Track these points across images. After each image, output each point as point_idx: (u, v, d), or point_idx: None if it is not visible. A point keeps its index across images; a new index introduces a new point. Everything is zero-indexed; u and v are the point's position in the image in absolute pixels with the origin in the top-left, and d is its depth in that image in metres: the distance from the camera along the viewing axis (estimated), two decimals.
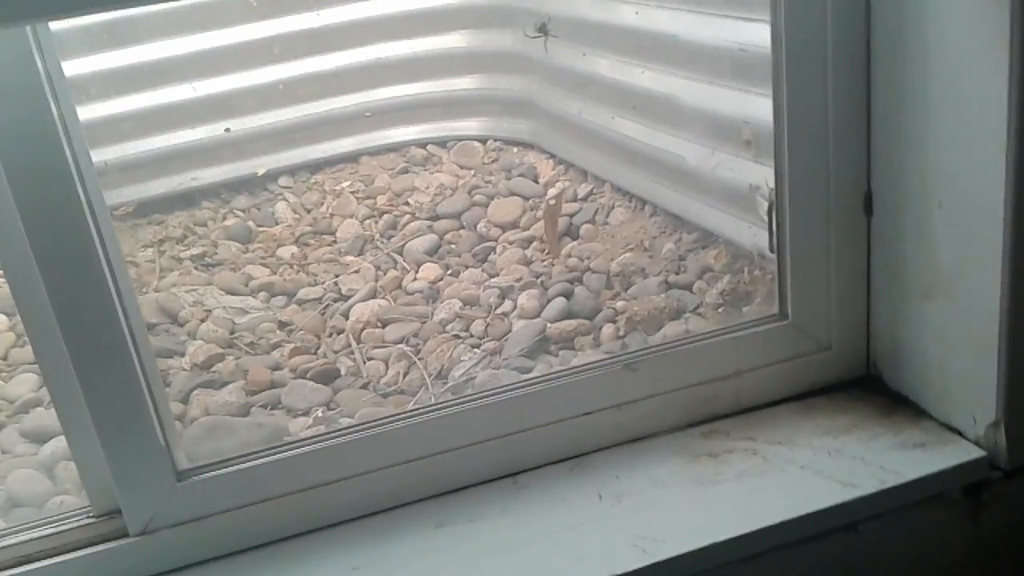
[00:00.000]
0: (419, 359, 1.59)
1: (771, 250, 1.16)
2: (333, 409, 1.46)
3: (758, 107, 1.35)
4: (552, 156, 2.26)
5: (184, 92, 2.38)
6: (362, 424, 1.06)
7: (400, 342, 1.66)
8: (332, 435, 1.05)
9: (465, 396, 1.10)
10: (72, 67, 2.22)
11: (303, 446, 1.04)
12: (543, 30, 1.61)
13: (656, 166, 1.75)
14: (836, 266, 1.13)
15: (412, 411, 1.07)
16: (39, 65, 0.83)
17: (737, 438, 1.11)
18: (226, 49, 2.39)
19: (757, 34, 1.33)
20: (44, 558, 0.97)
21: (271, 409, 1.52)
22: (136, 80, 2.34)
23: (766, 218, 1.15)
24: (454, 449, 1.07)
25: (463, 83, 2.48)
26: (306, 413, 1.47)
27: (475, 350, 1.57)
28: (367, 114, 2.51)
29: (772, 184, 1.11)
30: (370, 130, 2.53)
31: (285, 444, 1.05)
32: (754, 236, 1.42)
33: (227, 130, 2.41)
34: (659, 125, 1.71)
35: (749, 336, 1.15)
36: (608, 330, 1.52)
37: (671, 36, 1.57)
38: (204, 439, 1.32)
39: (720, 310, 1.44)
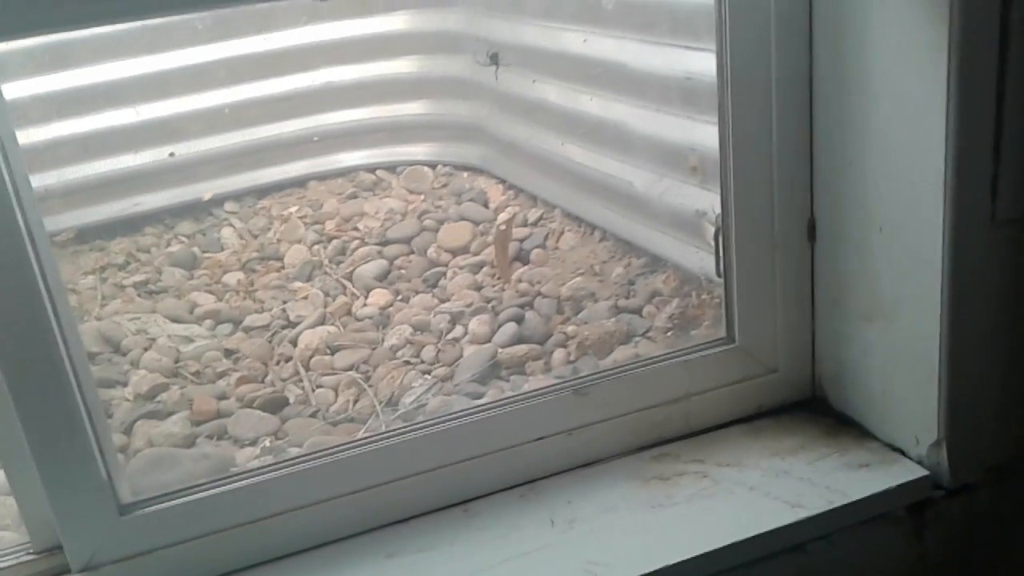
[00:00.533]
0: (369, 386, 1.58)
1: (718, 275, 1.18)
2: (281, 438, 1.44)
3: (704, 134, 1.38)
4: (502, 181, 2.27)
5: (128, 116, 2.35)
6: (309, 454, 1.05)
7: (350, 369, 1.65)
8: (279, 466, 1.04)
9: (415, 424, 1.09)
10: (12, 89, 2.19)
11: (249, 477, 1.03)
12: (495, 60, 1.62)
13: (605, 192, 1.77)
14: (781, 291, 1.16)
15: (361, 440, 1.07)
16: None
17: (687, 460, 1.13)
18: (171, 72, 2.36)
19: (703, 63, 1.36)
20: None
21: (217, 439, 1.50)
22: (79, 103, 2.31)
23: (712, 243, 1.17)
24: (404, 478, 1.07)
25: (412, 108, 2.48)
26: (253, 443, 1.45)
27: (426, 376, 1.57)
28: (315, 138, 2.50)
29: (718, 210, 1.14)
30: (318, 155, 2.52)
31: (231, 476, 1.03)
32: (701, 260, 1.44)
33: (171, 154, 2.38)
34: (608, 151, 1.73)
35: (698, 360, 1.17)
36: (559, 355, 1.53)
37: (619, 64, 1.60)
38: (148, 471, 1.29)
39: (669, 334, 1.46)
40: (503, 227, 1.64)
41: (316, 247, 2.21)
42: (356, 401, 1.53)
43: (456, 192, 2.32)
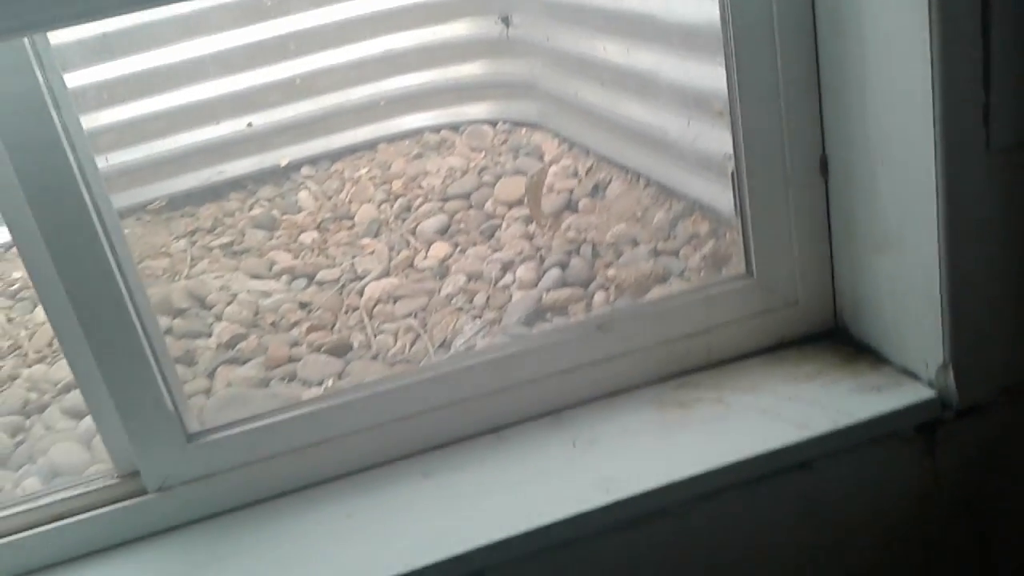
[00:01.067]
0: (425, 331, 1.66)
1: (736, 213, 1.21)
2: (344, 379, 1.55)
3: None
4: (557, 135, 2.31)
5: (207, 90, 2.49)
6: (356, 387, 1.14)
7: (409, 316, 1.74)
8: (327, 398, 1.14)
9: (452, 358, 1.17)
10: (101, 71, 2.34)
11: (301, 408, 1.12)
12: (506, 22, 1.66)
13: (646, 140, 1.80)
14: (797, 226, 1.18)
15: (402, 374, 1.15)
16: (39, 76, 0.92)
17: (706, 388, 1.17)
18: (244, 48, 2.48)
19: None
20: (74, 514, 1.07)
21: (288, 381, 1.61)
22: (164, 80, 2.46)
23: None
24: (441, 408, 1.14)
25: (471, 69, 2.54)
26: (319, 384, 1.55)
27: (476, 320, 1.65)
28: (381, 103, 2.58)
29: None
30: (386, 118, 2.61)
31: (284, 408, 1.13)
32: (732, 202, 1.47)
33: (249, 124, 2.51)
34: (644, 101, 1.76)
35: (718, 295, 1.20)
36: (599, 297, 1.58)
37: (649, 16, 1.63)
38: (223, 409, 1.41)
39: (702, 273, 1.50)
40: (534, 177, 1.69)
41: (384, 205, 2.30)
42: (413, 344, 1.62)
43: (514, 148, 2.38)
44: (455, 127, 2.59)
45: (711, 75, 1.45)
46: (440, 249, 2.01)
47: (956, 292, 1.01)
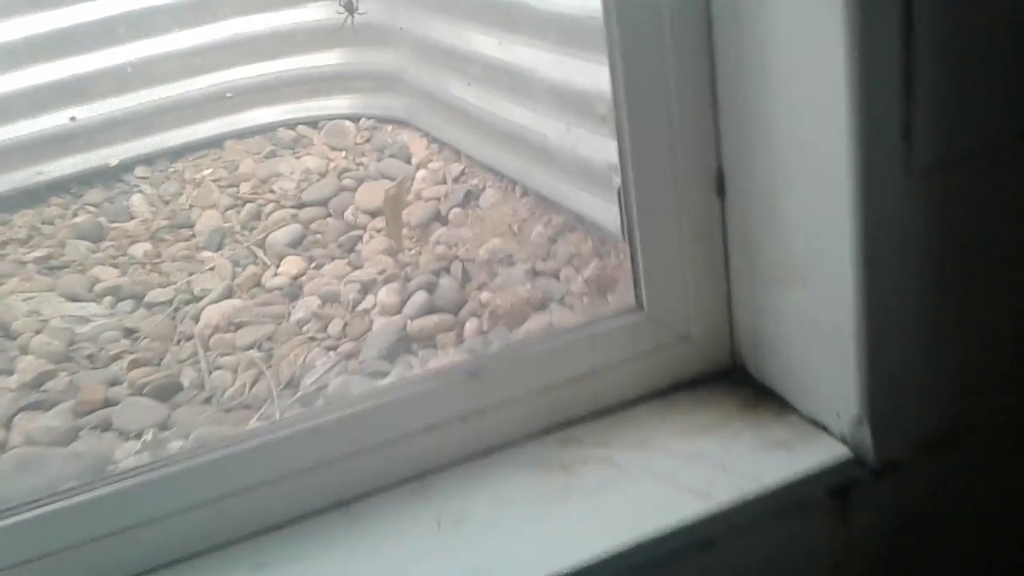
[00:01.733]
0: (269, 366, 1.46)
1: (623, 236, 1.07)
2: (168, 429, 1.33)
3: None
4: (426, 135, 2.14)
5: (22, 79, 2.19)
6: (176, 457, 0.94)
7: (251, 347, 1.54)
8: (142, 470, 0.94)
9: (293, 419, 0.99)
10: None
11: (109, 484, 0.92)
12: (349, 8, 1.45)
13: (522, 145, 1.64)
14: (691, 252, 1.05)
15: (233, 438, 0.96)
16: None
17: (592, 445, 1.03)
18: (68, 30, 2.20)
19: None
20: None
21: (101, 431, 1.38)
22: None
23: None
24: (278, 479, 0.96)
25: (329, 58, 2.33)
26: (138, 435, 1.34)
27: (331, 353, 1.46)
28: (228, 95, 2.35)
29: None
30: (233, 112, 2.37)
31: (92, 482, 0.93)
32: (617, 218, 1.33)
33: (72, 119, 2.23)
34: (520, 100, 1.60)
35: (604, 331, 1.06)
36: (471, 325, 1.42)
37: (522, 4, 1.46)
38: (13, 476, 1.18)
39: (585, 299, 1.36)
40: (392, 191, 1.52)
41: (229, 212, 2.08)
42: (254, 384, 1.42)
43: (378, 148, 2.19)
44: (312, 123, 2.38)
45: (593, 74, 1.30)
46: (292, 265, 1.81)
47: (872, 333, 0.90)
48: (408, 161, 2.09)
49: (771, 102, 0.89)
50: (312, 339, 1.52)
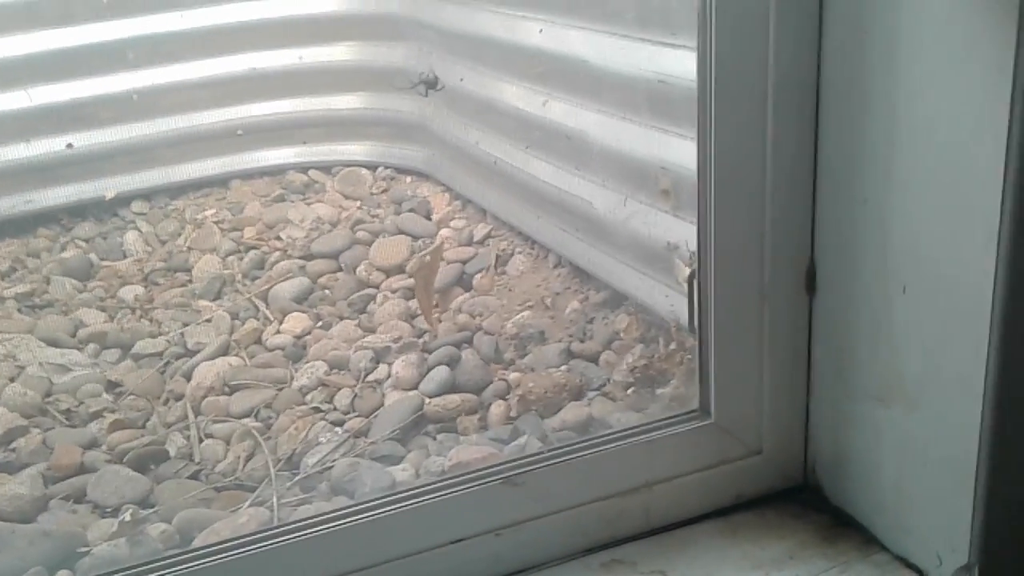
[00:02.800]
0: (267, 439, 1.34)
1: (690, 329, 0.96)
2: (149, 507, 1.20)
3: (679, 152, 1.16)
4: (449, 189, 2.04)
5: (19, 100, 2.09)
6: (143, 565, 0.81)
7: (248, 415, 1.41)
8: None
9: (297, 523, 0.86)
10: None
11: None
12: (431, 85, 1.33)
13: (562, 211, 1.54)
14: (771, 354, 0.95)
15: (218, 546, 0.83)
16: None
17: (646, 571, 0.91)
18: (71, 51, 2.10)
19: (680, 63, 1.14)
20: None
21: (74, 503, 1.25)
22: None
23: (686, 287, 0.95)
24: None
25: (349, 101, 2.24)
26: (115, 511, 1.20)
27: (337, 429, 1.33)
28: (239, 132, 2.25)
29: (693, 246, 0.92)
30: (242, 151, 2.27)
31: None
32: (671, 303, 1.22)
33: (69, 146, 2.12)
34: (565, 164, 1.50)
35: (663, 439, 0.95)
36: (498, 409, 1.30)
37: (580, 61, 1.37)
38: None
39: (630, 391, 1.24)
40: (427, 258, 1.41)
41: (231, 259, 1.96)
42: (248, 459, 1.30)
43: (396, 199, 2.09)
44: (326, 168, 2.28)
45: (658, 143, 1.20)
46: (297, 322, 1.69)
47: (998, 469, 0.78)
48: (428, 217, 1.98)
49: (893, 190, 0.79)
50: (316, 410, 1.39)
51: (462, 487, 0.89)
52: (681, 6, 1.10)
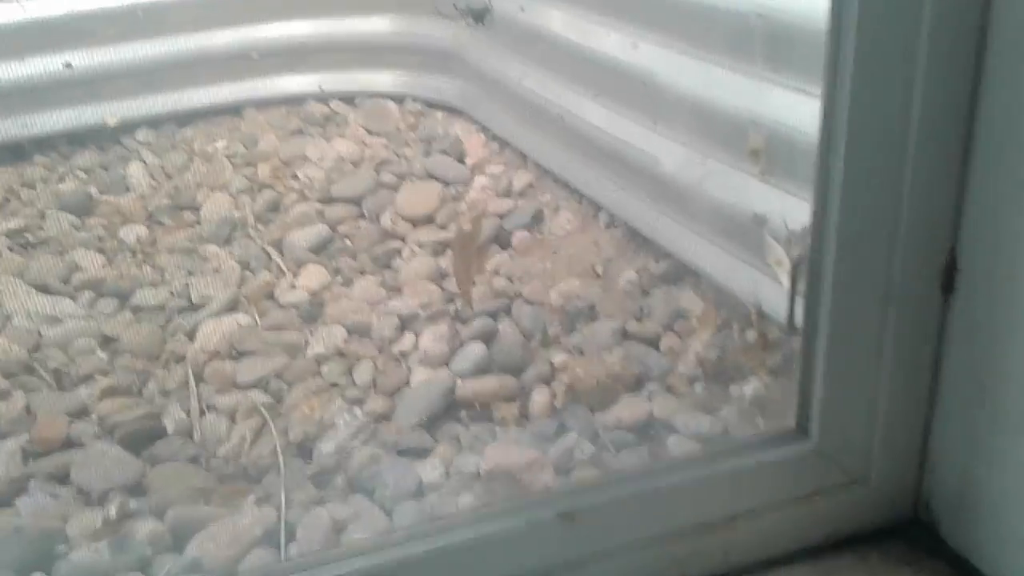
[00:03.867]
0: (278, 414, 1.19)
1: (790, 327, 0.80)
2: (139, 495, 1.06)
3: (777, 104, 0.97)
4: (485, 129, 1.86)
5: (11, 11, 1.91)
6: None
7: (256, 386, 1.27)
8: None
9: (313, 556, 0.72)
10: None
11: None
12: (478, 16, 1.13)
13: (620, 164, 1.35)
14: (891, 364, 0.78)
15: None
16: None
17: None
18: None
19: None
20: None
21: (58, 484, 1.11)
22: None
23: (784, 275, 0.79)
24: None
25: (378, 24, 2.05)
26: (100, 500, 1.06)
27: (356, 410, 1.18)
28: (255, 55, 2.08)
29: (793, 222, 0.75)
30: (258, 76, 2.10)
31: None
32: (754, 283, 1.05)
33: (68, 65, 1.95)
34: (627, 110, 1.31)
35: (750, 464, 0.79)
36: (541, 397, 1.14)
37: None
38: None
39: (698, 387, 1.07)
40: (468, 227, 1.23)
41: (242, 197, 1.81)
42: (255, 440, 1.15)
43: (426, 138, 1.91)
44: (348, 98, 2.10)
45: (752, 94, 1.01)
46: (313, 276, 1.53)
47: None
48: (461, 160, 1.80)
49: None
50: (333, 386, 1.24)
51: (510, 518, 0.74)
52: None
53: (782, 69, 0.98)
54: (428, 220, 1.63)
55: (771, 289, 0.99)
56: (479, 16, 1.06)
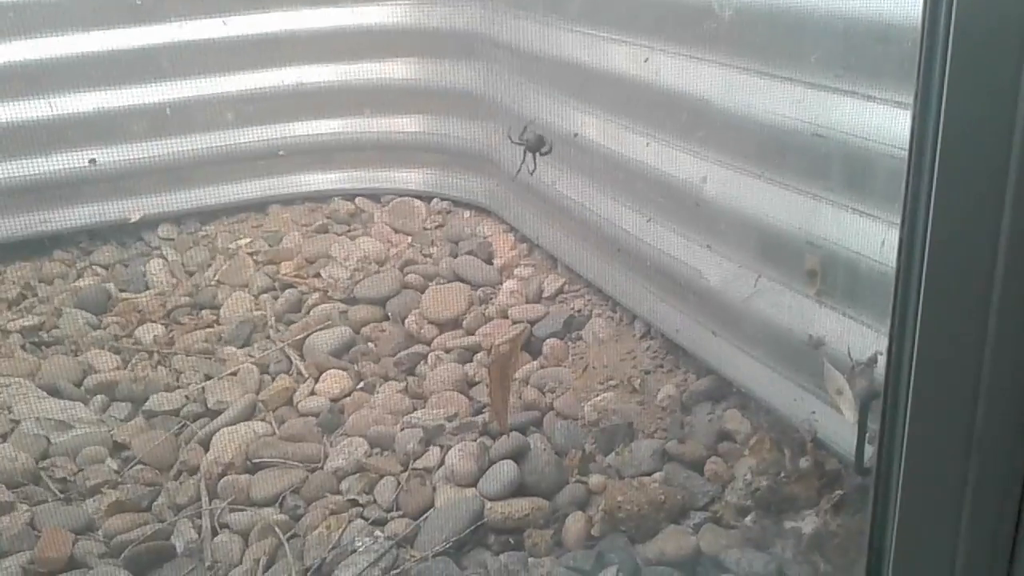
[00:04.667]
0: (293, 536, 1.13)
1: (858, 470, 0.73)
2: None
3: (835, 224, 0.93)
4: (514, 230, 1.82)
5: (39, 108, 1.91)
6: None
7: (271, 503, 1.21)
8: None
9: None
10: None
11: None
12: (535, 146, 1.06)
13: (660, 276, 1.30)
14: (971, 516, 0.71)
15: None
16: None
17: None
18: (99, 57, 1.92)
19: (845, 112, 0.91)
20: None
21: None
22: None
23: (839, 400, 0.73)
24: None
25: (405, 124, 2.04)
26: None
27: (378, 532, 1.12)
28: (281, 152, 2.07)
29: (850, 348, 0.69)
30: (283, 173, 2.09)
31: None
32: (807, 409, 0.99)
33: (92, 161, 1.94)
34: (670, 221, 1.26)
35: None
36: (576, 524, 1.07)
37: (700, 100, 1.13)
38: None
39: (750, 520, 1.00)
40: (504, 347, 1.18)
41: (264, 297, 1.76)
42: (270, 564, 1.08)
43: (452, 238, 1.87)
44: (375, 196, 2.07)
45: (808, 212, 0.97)
46: (335, 381, 1.48)
47: None
48: (489, 260, 1.76)
49: None
50: (353, 503, 1.18)
51: None
52: (861, 40, 0.86)
53: (837, 188, 0.93)
54: (455, 324, 1.58)
55: (828, 417, 0.93)
56: (535, 148, 0.99)
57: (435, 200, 2.02)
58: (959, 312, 0.65)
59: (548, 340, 1.44)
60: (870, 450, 0.73)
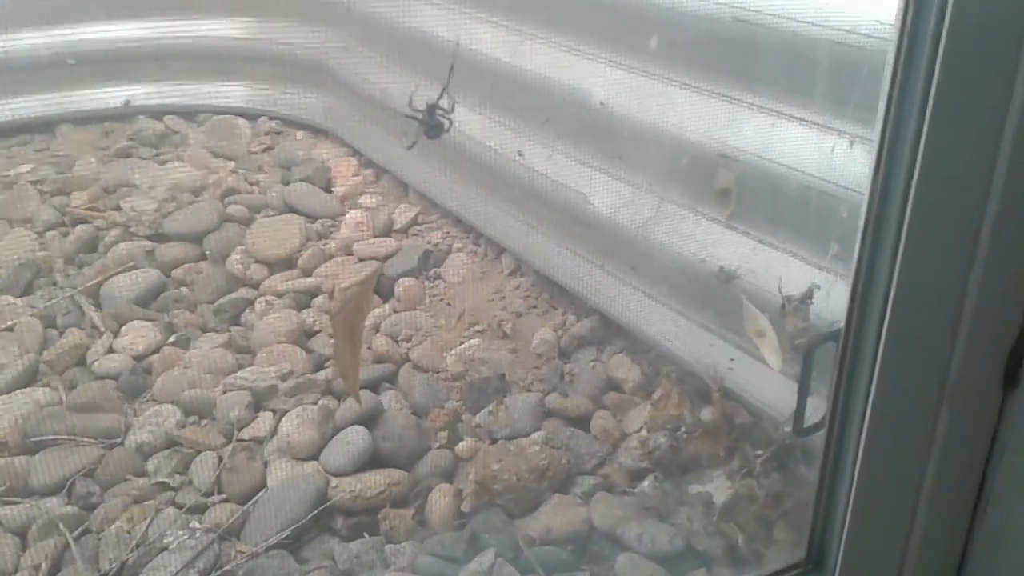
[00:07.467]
0: (83, 534, 0.93)
1: (796, 431, 0.62)
2: None
3: (750, 132, 0.79)
4: (356, 153, 1.64)
5: None
6: None
7: (56, 491, 1.00)
8: None
9: None
10: None
11: None
12: (433, 128, 0.88)
13: (535, 199, 1.15)
14: (936, 474, 0.60)
15: None
16: None
17: None
18: None
19: None
20: None
21: None
22: None
23: (759, 342, 0.61)
24: None
25: (226, 27, 1.82)
26: None
27: (194, 523, 0.94)
28: (70, 61, 1.82)
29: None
30: (76, 86, 1.84)
31: None
32: (712, 351, 0.87)
33: None
34: (546, 134, 1.10)
35: None
36: (442, 498, 0.93)
37: None
38: None
39: (650, 484, 0.88)
40: (351, 291, 0.99)
41: (51, 234, 1.53)
42: (54, 572, 0.89)
43: (284, 163, 1.69)
44: (189, 114, 1.85)
45: (717, 116, 0.83)
46: (139, 336, 1.30)
47: None
48: (328, 188, 1.58)
49: None
50: (163, 487, 0.99)
51: None
52: None
53: (759, 90, 0.79)
54: (288, 264, 1.41)
55: (728, 357, 0.81)
56: (433, 131, 0.82)
57: (262, 119, 1.85)
58: (938, 254, 0.53)
59: (401, 280, 1.30)
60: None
